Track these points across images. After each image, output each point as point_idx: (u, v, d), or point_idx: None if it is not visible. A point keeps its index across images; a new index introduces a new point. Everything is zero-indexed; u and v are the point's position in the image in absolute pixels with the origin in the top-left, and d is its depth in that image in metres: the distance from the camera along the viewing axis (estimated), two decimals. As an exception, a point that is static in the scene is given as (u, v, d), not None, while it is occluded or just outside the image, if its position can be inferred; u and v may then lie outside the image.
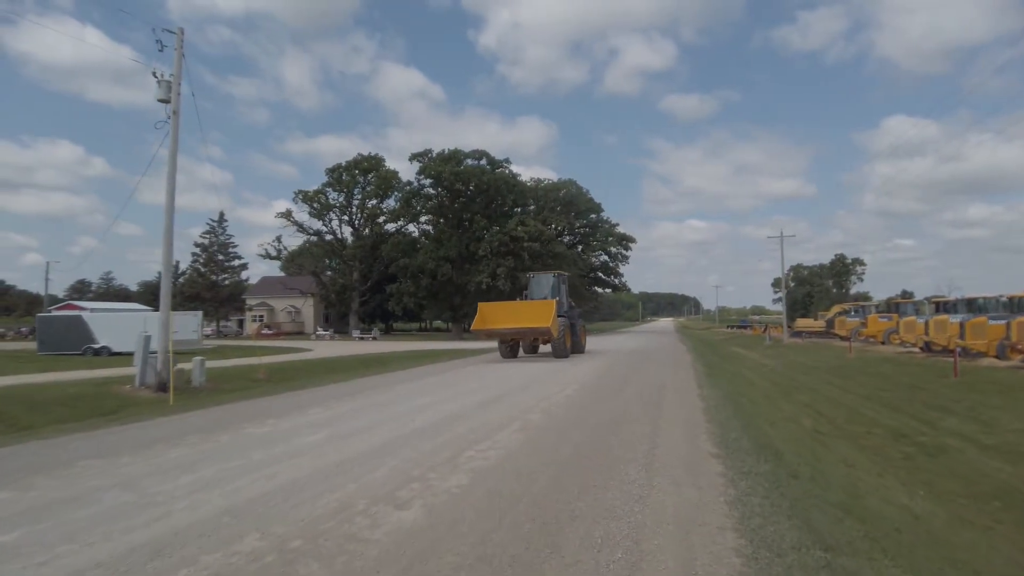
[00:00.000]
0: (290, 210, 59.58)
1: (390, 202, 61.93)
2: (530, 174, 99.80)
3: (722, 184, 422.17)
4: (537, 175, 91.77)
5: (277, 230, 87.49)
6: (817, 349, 29.20)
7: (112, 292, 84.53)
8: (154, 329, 13.81)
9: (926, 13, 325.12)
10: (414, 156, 57.89)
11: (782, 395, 12.34)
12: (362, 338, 52.21)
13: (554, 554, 3.77)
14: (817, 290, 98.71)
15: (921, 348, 22.65)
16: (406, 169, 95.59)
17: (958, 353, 16.22)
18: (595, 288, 74.66)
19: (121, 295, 79.97)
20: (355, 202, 61.77)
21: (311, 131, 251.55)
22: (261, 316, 68.62)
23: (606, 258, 73.14)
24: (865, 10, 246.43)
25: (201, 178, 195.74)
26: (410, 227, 61.51)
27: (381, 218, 62.27)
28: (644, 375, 16.18)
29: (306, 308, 68.33)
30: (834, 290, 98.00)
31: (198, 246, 63.21)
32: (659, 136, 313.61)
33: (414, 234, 61.63)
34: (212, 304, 59.21)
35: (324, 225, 61.57)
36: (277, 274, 71.60)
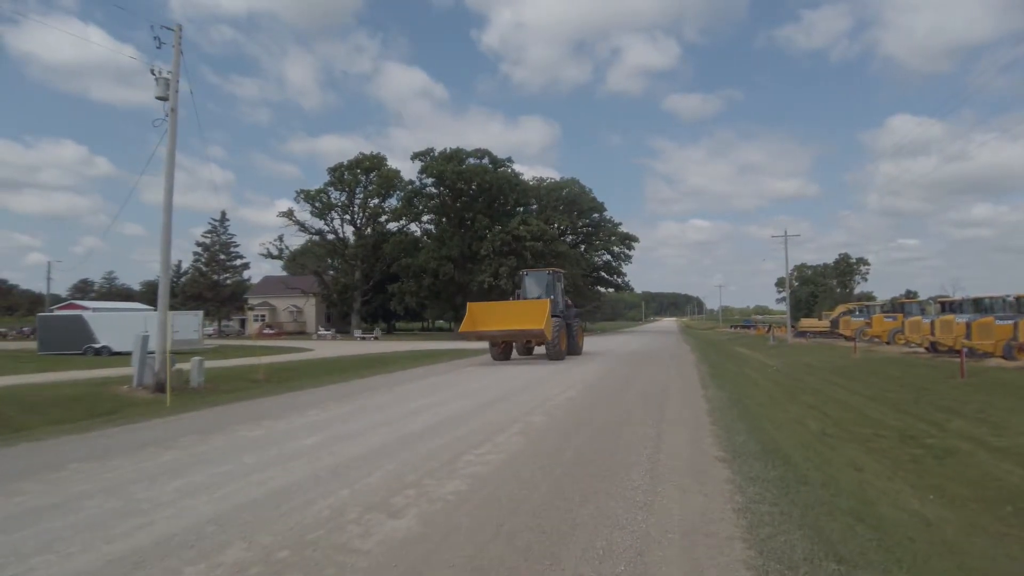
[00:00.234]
0: (292, 209, 59.72)
1: (392, 201, 62.11)
2: (532, 173, 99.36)
3: (725, 184, 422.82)
4: (540, 175, 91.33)
5: (279, 229, 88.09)
6: (822, 349, 29.01)
7: (115, 292, 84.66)
8: (154, 329, 13.67)
9: (931, 12, 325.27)
10: (416, 155, 57.97)
11: (787, 396, 12.16)
12: (364, 338, 52.18)
13: (553, 566, 3.60)
14: (821, 290, 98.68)
15: (927, 348, 22.45)
16: (408, 168, 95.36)
17: (964, 353, 16.00)
18: (598, 288, 74.59)
19: (124, 295, 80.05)
20: (357, 201, 61.75)
21: (314, 131, 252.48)
22: (263, 316, 68.51)
23: (609, 258, 73.13)
24: (869, 9, 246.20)
25: (203, 177, 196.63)
26: (412, 226, 61.69)
27: (383, 217, 62.38)
28: (647, 376, 16.03)
29: (308, 308, 68.18)
30: (838, 290, 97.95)
31: (200, 245, 63.10)
32: (662, 135, 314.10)
33: (416, 233, 61.76)
34: (214, 304, 59.09)
35: (326, 224, 61.61)
36: (279, 273, 71.47)
